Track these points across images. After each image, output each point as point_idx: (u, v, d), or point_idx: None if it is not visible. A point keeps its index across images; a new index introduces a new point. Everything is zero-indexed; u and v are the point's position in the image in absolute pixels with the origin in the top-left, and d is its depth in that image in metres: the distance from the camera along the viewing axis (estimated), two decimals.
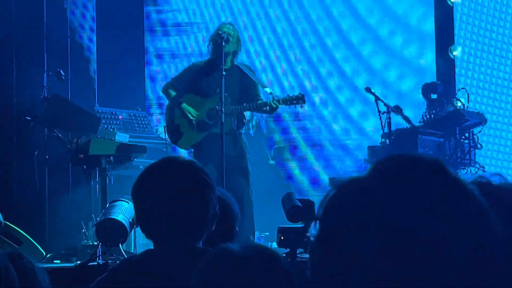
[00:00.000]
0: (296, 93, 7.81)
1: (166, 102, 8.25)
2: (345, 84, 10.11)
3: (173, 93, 8.02)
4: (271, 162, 9.91)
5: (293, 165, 10.05)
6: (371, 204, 1.23)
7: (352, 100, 10.00)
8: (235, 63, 7.93)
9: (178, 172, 2.82)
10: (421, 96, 8.40)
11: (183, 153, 8.42)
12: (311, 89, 10.12)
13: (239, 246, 2.19)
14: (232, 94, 7.73)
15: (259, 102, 7.72)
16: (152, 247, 2.87)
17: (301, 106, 7.76)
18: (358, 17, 10.12)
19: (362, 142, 9.49)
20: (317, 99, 10.11)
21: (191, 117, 7.86)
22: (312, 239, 1.29)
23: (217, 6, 10.54)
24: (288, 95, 7.74)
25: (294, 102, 7.66)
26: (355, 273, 1.21)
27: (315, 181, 9.94)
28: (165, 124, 8.17)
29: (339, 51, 10.12)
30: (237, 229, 3.43)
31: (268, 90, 7.78)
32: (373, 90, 7.89)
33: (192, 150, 8.02)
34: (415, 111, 8.32)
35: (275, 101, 7.62)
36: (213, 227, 2.84)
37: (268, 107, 7.66)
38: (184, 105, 7.91)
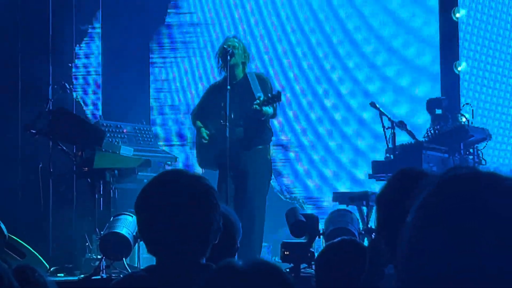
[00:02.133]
0: (275, 92, 7.77)
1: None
2: (357, 90, 10.11)
3: (198, 122, 8.08)
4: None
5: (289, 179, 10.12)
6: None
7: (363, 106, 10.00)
8: (247, 72, 7.95)
9: (181, 186, 2.78)
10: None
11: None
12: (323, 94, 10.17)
13: (243, 262, 2.18)
14: (239, 108, 7.72)
15: (247, 110, 7.68)
16: (155, 262, 2.86)
17: (278, 104, 7.73)
18: (371, 29, 10.13)
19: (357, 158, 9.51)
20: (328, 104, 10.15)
21: (206, 137, 7.91)
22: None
23: (227, 20, 10.57)
24: (265, 96, 7.67)
25: (270, 101, 7.62)
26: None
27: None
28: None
29: (351, 59, 10.14)
30: (238, 245, 3.43)
31: (257, 95, 7.72)
32: (377, 105, 7.89)
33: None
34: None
35: (255, 106, 7.57)
36: (216, 241, 2.81)
37: (254, 113, 7.61)
38: (202, 129, 7.97)
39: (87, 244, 7.65)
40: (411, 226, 1.26)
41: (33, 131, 7.63)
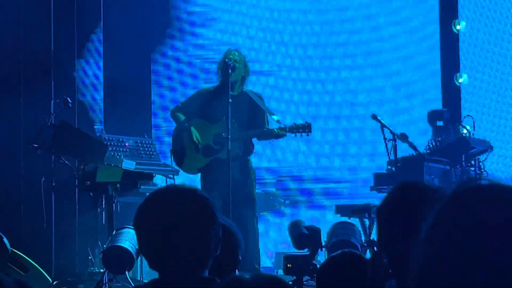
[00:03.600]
0: (303, 122, 7.83)
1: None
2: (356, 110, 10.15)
3: (181, 117, 8.08)
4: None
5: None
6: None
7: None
8: (245, 89, 7.98)
9: (179, 199, 2.78)
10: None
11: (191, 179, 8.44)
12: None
13: (250, 276, 2.19)
14: (240, 120, 7.76)
15: (265, 129, 7.76)
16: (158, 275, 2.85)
17: (307, 135, 7.79)
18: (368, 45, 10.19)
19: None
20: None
21: (197, 142, 7.91)
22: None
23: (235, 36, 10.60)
24: (294, 124, 7.76)
25: (300, 130, 7.69)
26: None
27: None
28: (171, 148, 8.22)
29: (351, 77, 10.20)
30: (240, 257, 3.42)
31: (275, 117, 7.81)
32: (379, 118, 7.91)
33: (199, 175, 8.03)
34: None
35: (281, 129, 7.65)
36: (218, 252, 2.81)
37: (274, 134, 7.70)
38: (192, 129, 7.96)
39: (89, 257, 7.66)
40: (425, 243, 1.23)
41: (36, 145, 7.65)
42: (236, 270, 3.43)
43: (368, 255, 6.61)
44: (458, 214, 1.22)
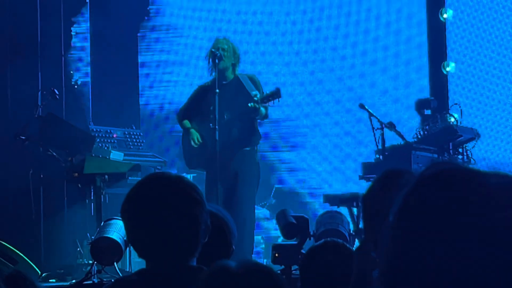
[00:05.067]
0: (273, 88, 7.77)
1: None
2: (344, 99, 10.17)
3: (185, 122, 8.07)
4: None
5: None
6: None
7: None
8: (237, 74, 7.95)
9: (165, 188, 2.78)
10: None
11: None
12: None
13: (235, 263, 2.19)
14: (234, 107, 7.72)
15: (242, 109, 7.68)
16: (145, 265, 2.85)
17: (278, 101, 7.68)
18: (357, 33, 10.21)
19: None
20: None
21: (197, 141, 7.90)
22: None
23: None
24: (265, 93, 7.67)
25: (270, 98, 7.62)
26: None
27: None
28: (181, 150, 8.26)
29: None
30: (234, 247, 3.42)
31: (253, 93, 7.70)
32: (366, 107, 7.91)
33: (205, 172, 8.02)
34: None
35: (254, 103, 7.57)
36: (206, 240, 2.80)
37: (250, 111, 7.61)
38: (192, 130, 7.97)
39: (78, 249, 7.66)
40: (392, 226, 1.25)
41: (23, 137, 7.63)
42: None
43: (357, 244, 6.62)
44: (420, 199, 1.23)
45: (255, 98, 7.55)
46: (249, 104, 7.53)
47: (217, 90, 7.55)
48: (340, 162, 10.14)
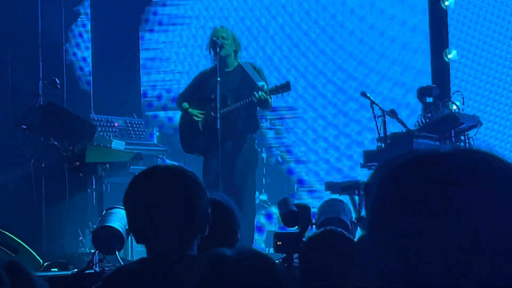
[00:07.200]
0: (283, 81, 7.80)
1: None
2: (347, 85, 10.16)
3: (184, 104, 8.05)
4: None
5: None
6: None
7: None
8: (240, 62, 7.95)
9: (165, 178, 2.84)
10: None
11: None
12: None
13: (232, 251, 2.18)
14: (236, 95, 7.73)
15: (248, 99, 7.68)
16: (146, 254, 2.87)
17: (288, 94, 7.75)
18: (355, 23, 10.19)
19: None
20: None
21: (197, 119, 7.89)
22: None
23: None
24: (275, 85, 7.72)
25: (280, 90, 7.65)
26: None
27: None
28: (179, 134, 8.19)
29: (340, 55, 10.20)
30: (239, 236, 3.41)
31: (260, 83, 7.72)
32: (368, 95, 7.90)
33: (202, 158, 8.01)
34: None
35: (262, 94, 7.58)
36: (206, 228, 2.83)
37: (257, 101, 7.63)
38: (190, 110, 7.95)
39: (80, 238, 7.66)
40: (368, 209, 1.33)
41: (24, 127, 7.63)
42: None
43: (359, 232, 6.61)
44: (394, 185, 1.30)
45: (264, 89, 7.58)
46: (259, 94, 7.54)
47: (218, 79, 7.54)
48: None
